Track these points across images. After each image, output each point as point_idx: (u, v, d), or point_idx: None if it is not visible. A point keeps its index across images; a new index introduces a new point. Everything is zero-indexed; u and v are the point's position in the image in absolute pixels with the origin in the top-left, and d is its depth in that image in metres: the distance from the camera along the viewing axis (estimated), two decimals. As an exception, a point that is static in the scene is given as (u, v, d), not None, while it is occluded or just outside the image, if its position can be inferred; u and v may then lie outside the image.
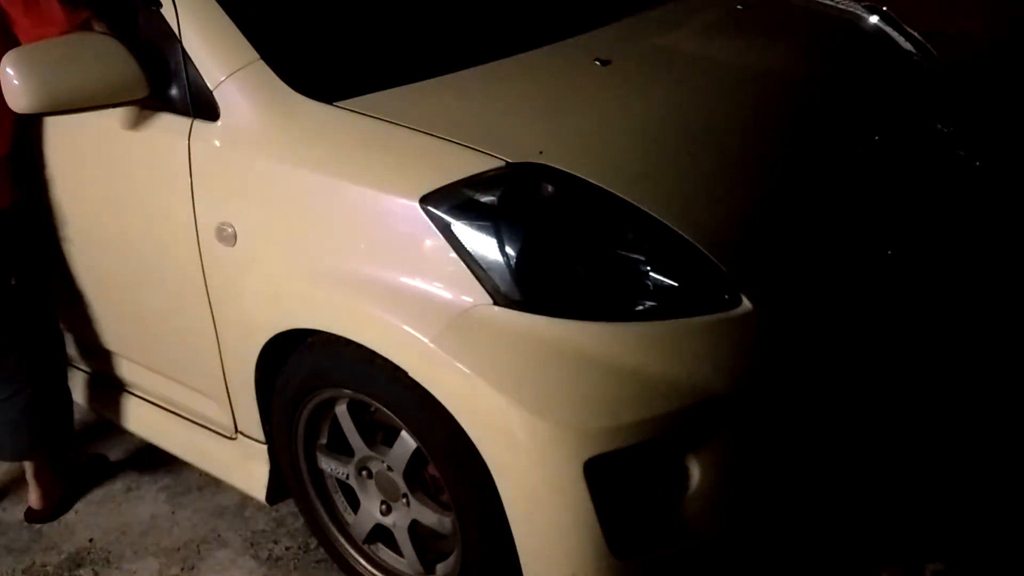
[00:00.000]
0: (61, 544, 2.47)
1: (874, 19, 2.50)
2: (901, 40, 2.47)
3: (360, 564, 2.11)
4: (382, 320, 1.73)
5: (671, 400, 1.61)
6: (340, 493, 2.11)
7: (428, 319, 1.68)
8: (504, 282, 1.65)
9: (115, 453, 2.77)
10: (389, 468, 1.93)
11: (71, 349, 2.59)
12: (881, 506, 2.13)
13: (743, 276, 1.68)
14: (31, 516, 2.55)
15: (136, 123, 2.05)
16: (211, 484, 2.56)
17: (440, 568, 1.98)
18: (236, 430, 2.21)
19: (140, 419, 2.51)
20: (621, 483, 1.63)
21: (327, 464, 2.06)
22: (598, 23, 2.24)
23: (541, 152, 1.73)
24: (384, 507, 2.01)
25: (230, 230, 1.92)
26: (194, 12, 1.96)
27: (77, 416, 2.52)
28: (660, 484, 1.66)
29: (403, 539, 2.00)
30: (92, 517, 2.55)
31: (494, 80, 2.00)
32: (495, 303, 1.65)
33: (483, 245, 1.66)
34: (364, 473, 2.01)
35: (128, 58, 1.93)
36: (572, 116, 1.89)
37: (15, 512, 2.59)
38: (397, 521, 1.99)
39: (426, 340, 1.66)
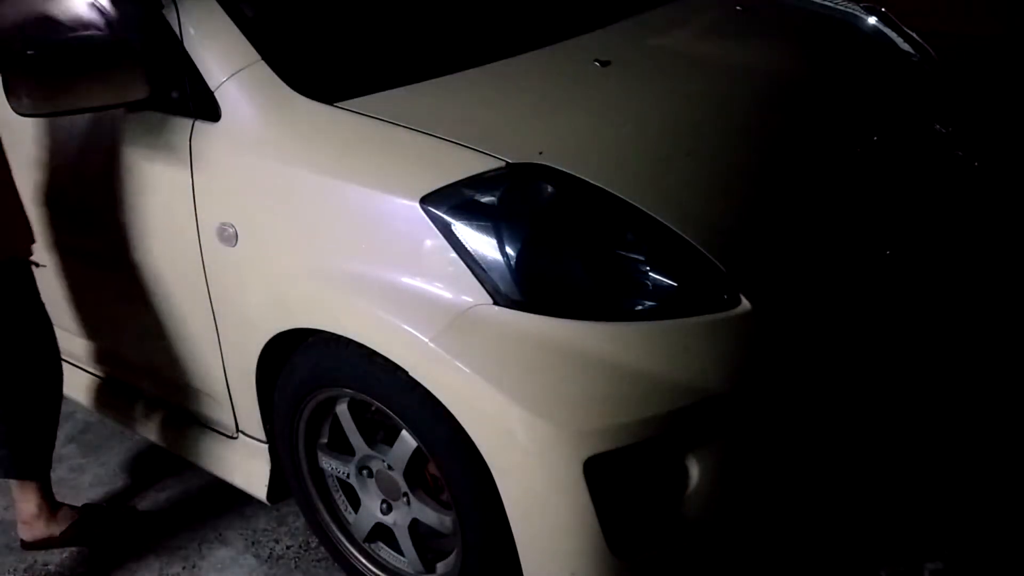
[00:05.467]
0: (62, 543, 2.47)
1: (873, 20, 2.51)
2: (900, 41, 2.47)
3: (361, 563, 2.12)
4: (382, 320, 1.74)
5: (670, 399, 1.62)
6: (341, 492, 2.11)
7: (428, 319, 1.68)
8: (504, 282, 1.65)
9: (116, 452, 2.78)
10: (389, 467, 1.94)
11: (73, 349, 2.59)
12: (880, 505, 2.14)
13: (742, 276, 1.69)
14: (22, 544, 2.34)
15: (137, 124, 2.06)
16: (212, 483, 2.56)
17: (440, 567, 1.98)
18: (237, 429, 2.21)
19: (141, 418, 2.52)
20: (621, 482, 1.64)
21: (328, 463, 2.07)
22: (598, 24, 2.24)
23: (541, 152, 1.73)
24: (385, 506, 2.01)
25: (231, 230, 1.92)
26: (195, 13, 1.97)
27: (80, 416, 2.51)
28: (660, 483, 1.67)
29: (403, 538, 2.00)
30: (94, 516, 2.55)
31: (494, 81, 2.01)
32: (495, 303, 1.65)
33: (483, 245, 1.67)
34: (365, 472, 2.02)
35: (129, 59, 1.94)
36: (572, 116, 1.89)
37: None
38: (397, 520, 2.00)
39: (426, 340, 1.67)
